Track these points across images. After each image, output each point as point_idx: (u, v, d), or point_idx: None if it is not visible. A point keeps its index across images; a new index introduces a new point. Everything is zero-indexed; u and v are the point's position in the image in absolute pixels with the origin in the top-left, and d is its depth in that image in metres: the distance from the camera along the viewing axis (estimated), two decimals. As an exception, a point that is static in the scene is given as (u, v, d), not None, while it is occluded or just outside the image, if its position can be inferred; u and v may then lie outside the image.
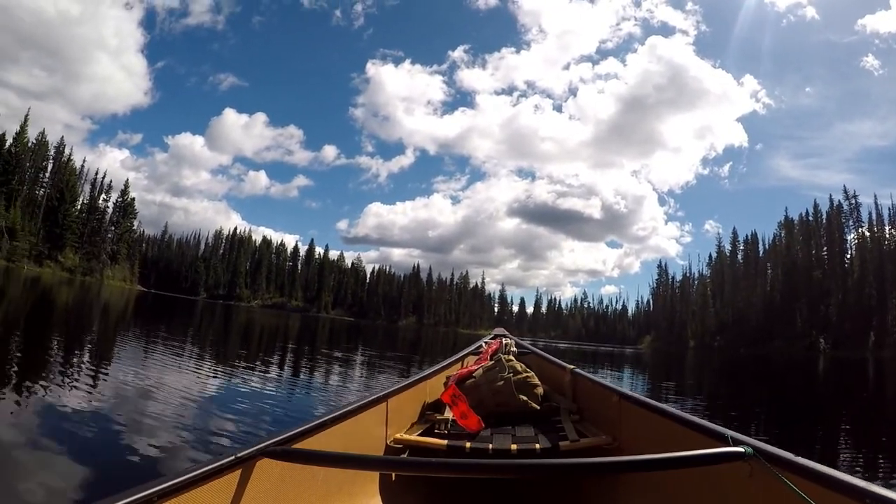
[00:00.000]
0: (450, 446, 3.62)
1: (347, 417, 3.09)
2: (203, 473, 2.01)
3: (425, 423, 4.19)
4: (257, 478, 2.28)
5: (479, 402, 4.33)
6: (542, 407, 4.51)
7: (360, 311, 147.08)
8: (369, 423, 3.45)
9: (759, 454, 2.18)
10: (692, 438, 2.65)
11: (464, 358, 6.01)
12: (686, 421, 2.84)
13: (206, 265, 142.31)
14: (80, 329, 17.11)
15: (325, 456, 2.55)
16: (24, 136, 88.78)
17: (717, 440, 2.46)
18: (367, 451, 3.32)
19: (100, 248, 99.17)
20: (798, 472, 2.03)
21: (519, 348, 6.50)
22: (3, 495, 3.81)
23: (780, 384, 25.39)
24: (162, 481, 1.83)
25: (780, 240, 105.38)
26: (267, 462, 2.32)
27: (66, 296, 38.16)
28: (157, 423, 6.10)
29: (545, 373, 5.31)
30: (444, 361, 5.53)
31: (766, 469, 2.12)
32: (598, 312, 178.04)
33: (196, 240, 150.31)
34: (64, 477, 4.24)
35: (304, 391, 10.63)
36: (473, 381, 4.65)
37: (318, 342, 27.90)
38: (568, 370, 4.97)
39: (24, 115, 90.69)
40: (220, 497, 2.10)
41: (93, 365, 9.68)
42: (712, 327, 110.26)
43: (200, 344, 17.99)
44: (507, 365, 4.74)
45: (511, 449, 3.56)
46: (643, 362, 42.45)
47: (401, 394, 3.99)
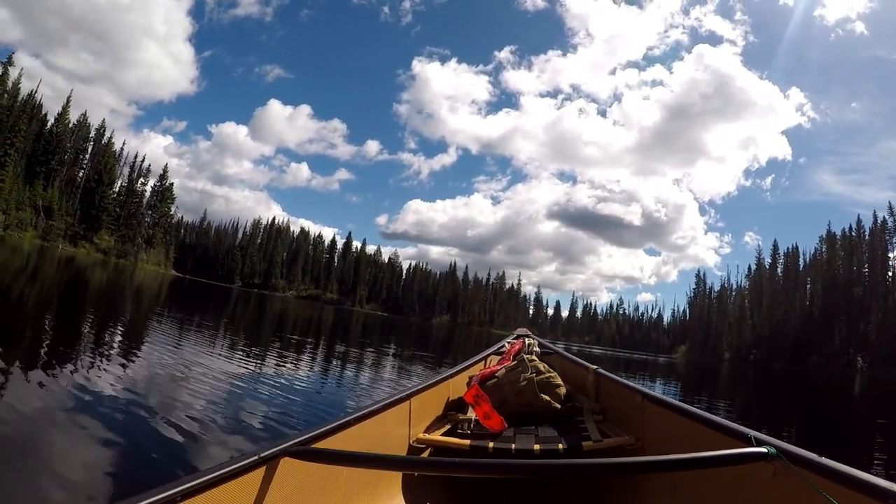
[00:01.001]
0: (473, 446, 3.59)
1: (370, 417, 3.05)
2: (226, 473, 2.00)
3: (448, 423, 4.15)
4: (280, 478, 2.26)
5: (501, 402, 4.31)
6: (564, 407, 4.47)
7: (394, 307, 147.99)
8: (392, 422, 3.41)
9: (783, 454, 2.16)
10: (715, 439, 2.62)
11: (487, 358, 5.99)
12: (709, 421, 2.81)
13: (242, 254, 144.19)
14: (112, 311, 17.13)
15: (348, 456, 2.49)
16: (65, 117, 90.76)
17: (740, 440, 2.43)
18: (390, 451, 3.30)
19: (135, 232, 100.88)
20: (822, 472, 2.01)
21: (542, 348, 6.46)
22: (27, 483, 3.72)
23: (815, 400, 25.14)
24: (185, 481, 1.83)
25: (821, 254, 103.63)
26: (290, 462, 2.30)
27: (100, 277, 38.63)
28: (183, 414, 5.95)
29: (568, 373, 5.27)
30: (467, 361, 5.51)
31: (790, 469, 2.11)
32: (634, 319, 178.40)
33: (234, 228, 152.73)
34: (87, 468, 4.11)
35: (331, 387, 10.36)
36: (496, 381, 4.60)
37: (350, 337, 27.77)
38: (591, 370, 4.92)
39: (67, 96, 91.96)
40: (243, 497, 2.10)
41: (122, 349, 9.51)
42: (748, 340, 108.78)
43: (233, 333, 17.96)
44: (529, 365, 4.68)
45: (534, 449, 3.51)
46: (676, 372, 41.86)
47: (423, 393, 3.96)
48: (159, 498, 1.69)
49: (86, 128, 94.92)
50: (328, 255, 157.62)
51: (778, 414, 17.03)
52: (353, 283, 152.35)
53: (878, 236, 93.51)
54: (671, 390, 21.84)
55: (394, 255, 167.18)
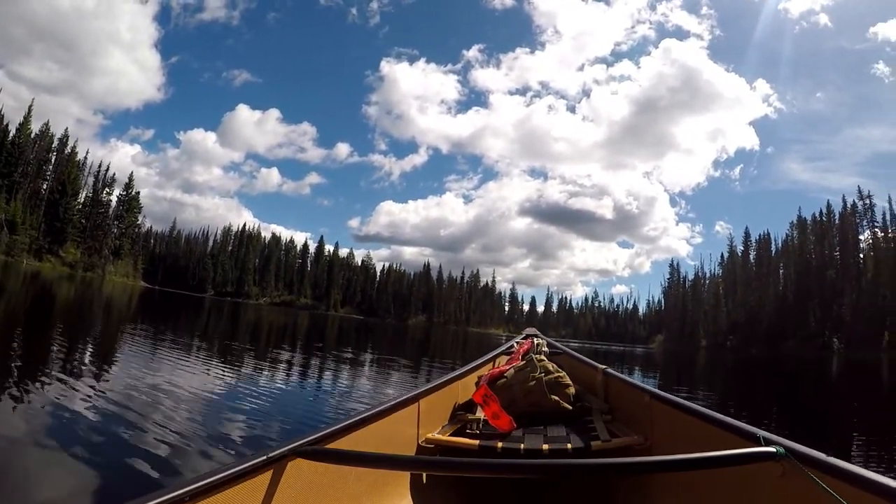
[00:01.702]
0: (481, 446, 3.57)
1: (379, 417, 3.05)
2: (235, 473, 2.00)
3: (457, 424, 4.15)
4: (289, 478, 2.28)
5: (510, 402, 4.27)
6: (573, 407, 4.43)
7: (369, 309, 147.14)
8: (401, 423, 3.40)
9: (792, 454, 2.15)
10: (723, 438, 2.61)
11: (495, 358, 6.00)
12: (717, 421, 2.77)
13: (214, 262, 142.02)
14: (81, 327, 16.79)
15: (357, 456, 2.52)
16: (27, 127, 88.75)
17: (748, 440, 2.42)
18: (399, 451, 3.29)
19: (102, 243, 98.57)
20: (830, 472, 1.99)
21: (550, 348, 6.43)
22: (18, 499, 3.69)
23: (794, 384, 25.34)
24: (194, 481, 1.85)
25: (792, 240, 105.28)
26: (299, 462, 2.32)
27: (66, 291, 37.85)
28: (163, 426, 5.94)
29: (577, 373, 5.28)
30: (476, 361, 5.52)
31: (799, 469, 2.10)
32: (609, 312, 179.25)
33: (205, 236, 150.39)
34: (68, 481, 4.13)
35: (308, 395, 10.27)
36: (505, 381, 4.56)
37: (326, 343, 27.50)
38: (600, 370, 4.93)
39: (28, 105, 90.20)
40: (252, 497, 2.10)
41: (92, 367, 9.27)
42: (724, 327, 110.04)
43: (207, 345, 17.50)
44: (538, 365, 4.66)
45: (543, 449, 3.49)
46: (654, 362, 42.45)
47: (432, 394, 3.95)
48: (168, 498, 1.70)
49: (48, 138, 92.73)
50: (301, 260, 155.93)
51: (758, 401, 17.15)
52: (326, 287, 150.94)
53: (848, 220, 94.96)
54: (650, 381, 21.76)
55: (367, 257, 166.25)
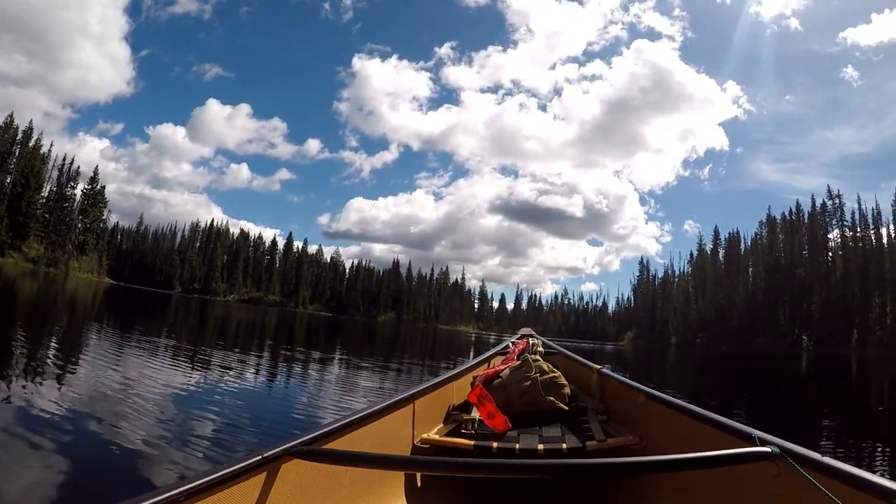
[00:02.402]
0: (477, 446, 3.59)
1: (374, 418, 3.07)
2: (230, 473, 2.02)
3: (452, 424, 4.16)
4: (284, 478, 2.28)
5: (505, 403, 4.31)
6: (569, 407, 4.47)
7: (338, 307, 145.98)
8: (396, 423, 3.42)
9: (787, 454, 2.17)
10: (719, 438, 2.64)
11: (490, 358, 6.03)
12: (713, 421, 2.80)
13: (181, 258, 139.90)
14: (43, 326, 16.40)
15: (353, 456, 2.53)
16: None
17: (743, 440, 2.44)
18: (394, 452, 3.31)
19: (65, 238, 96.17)
20: (825, 472, 2.03)
21: (546, 348, 6.46)
22: None
23: (765, 381, 25.75)
24: (188, 481, 1.86)
25: (761, 238, 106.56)
26: (294, 462, 2.33)
27: (29, 288, 37.17)
28: (124, 428, 5.81)
29: (572, 373, 5.29)
30: (471, 362, 5.56)
31: (793, 469, 2.12)
32: (579, 309, 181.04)
33: (172, 232, 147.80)
34: (28, 487, 4.01)
35: (274, 395, 10.04)
36: (500, 381, 4.62)
37: (294, 340, 27.27)
38: (595, 370, 4.98)
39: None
40: (247, 497, 2.12)
41: (55, 367, 8.99)
42: (694, 324, 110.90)
43: (173, 344, 17.09)
44: (533, 365, 4.70)
45: (538, 449, 3.52)
46: (624, 358, 42.60)
47: (428, 394, 3.95)
48: (163, 498, 1.72)
49: (13, 130, 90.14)
50: (269, 257, 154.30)
51: (729, 397, 17.13)
52: (295, 283, 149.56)
53: (817, 219, 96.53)
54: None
55: (336, 254, 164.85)
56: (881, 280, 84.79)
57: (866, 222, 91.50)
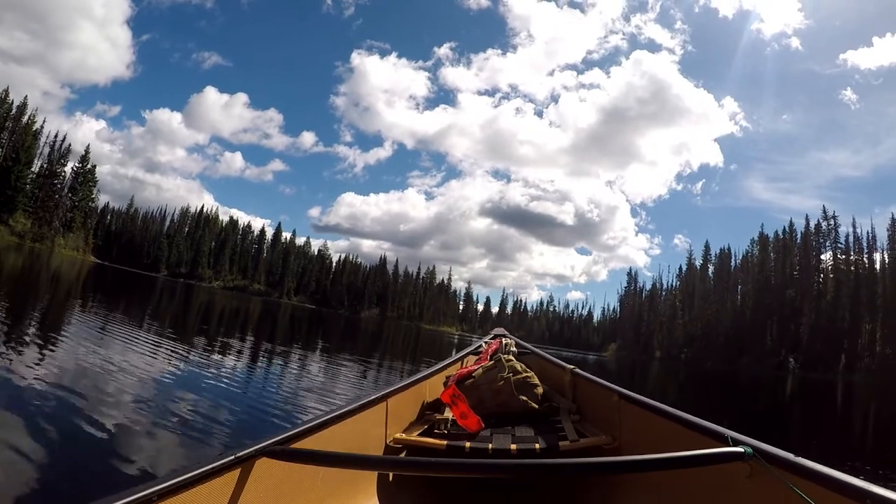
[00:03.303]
0: (449, 446, 3.59)
1: (347, 417, 3.06)
2: (202, 473, 2.01)
3: (425, 423, 4.15)
4: (257, 477, 2.28)
5: (478, 402, 4.32)
6: (541, 407, 4.46)
7: (322, 299, 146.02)
8: (369, 422, 3.42)
9: (759, 454, 2.19)
10: (692, 438, 2.66)
11: (464, 358, 6.03)
12: (686, 421, 2.82)
13: (169, 242, 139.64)
14: (25, 300, 16.65)
15: (325, 455, 2.52)
16: None
17: (716, 440, 2.47)
18: (367, 451, 3.32)
19: (53, 215, 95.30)
20: (798, 472, 2.04)
21: (519, 348, 6.46)
22: None
23: (748, 401, 25.70)
24: (161, 481, 1.85)
25: (752, 256, 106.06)
26: (266, 462, 2.32)
27: (13, 262, 36.98)
28: (102, 416, 5.73)
29: (545, 373, 5.26)
30: (444, 361, 5.53)
31: (766, 469, 2.14)
32: (564, 317, 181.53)
33: (162, 216, 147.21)
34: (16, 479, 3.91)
35: (253, 391, 9.70)
36: (473, 380, 4.61)
37: (277, 331, 27.38)
38: (568, 370, 4.90)
39: None
40: (219, 496, 2.11)
41: (35, 347, 8.91)
42: (680, 339, 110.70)
43: (156, 328, 17.09)
44: (506, 365, 4.70)
45: (511, 449, 3.53)
46: (607, 370, 42.42)
47: (400, 393, 3.94)
48: (135, 498, 1.71)
49: (6, 106, 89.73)
50: (257, 246, 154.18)
51: (712, 415, 16.79)
52: (281, 274, 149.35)
53: (811, 240, 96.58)
54: None
55: (323, 246, 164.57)
56: (872, 306, 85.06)
57: (860, 246, 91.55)
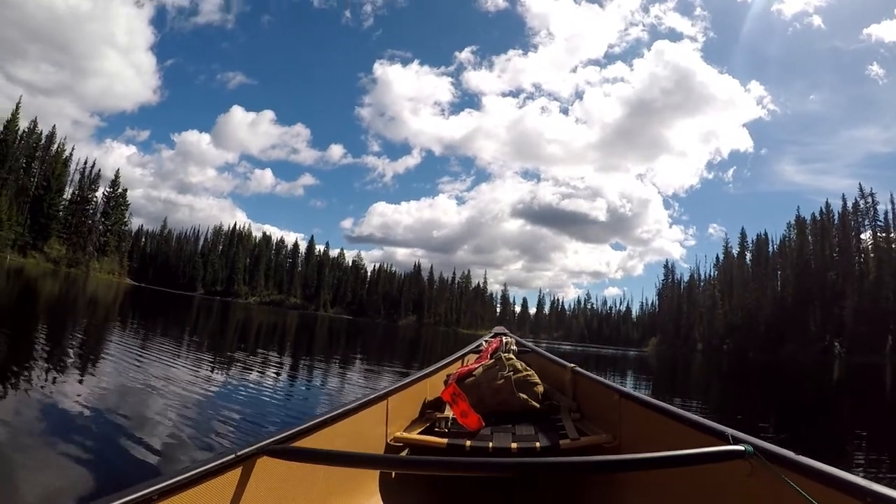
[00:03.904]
0: (450, 444, 3.60)
1: (348, 416, 3.08)
2: (203, 472, 2.03)
3: (425, 422, 4.14)
4: (258, 476, 2.30)
5: (479, 401, 4.30)
6: (542, 405, 4.44)
7: (359, 310, 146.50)
8: (370, 421, 3.43)
9: (760, 452, 2.19)
10: (693, 437, 2.66)
11: (464, 356, 5.99)
12: (686, 419, 2.82)
13: (204, 261, 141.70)
14: (65, 324, 16.59)
15: (326, 454, 2.55)
16: (14, 125, 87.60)
17: (717, 438, 2.46)
18: (368, 450, 3.33)
19: (86, 240, 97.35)
20: (799, 470, 2.05)
21: (519, 347, 6.39)
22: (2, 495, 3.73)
23: (794, 391, 24.69)
24: (162, 479, 1.86)
25: (790, 240, 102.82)
26: (267, 460, 2.34)
27: (50, 288, 37.23)
28: (150, 422, 6.05)
29: (546, 371, 5.25)
30: (445, 360, 5.49)
31: (767, 467, 2.14)
32: (602, 314, 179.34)
33: (195, 235, 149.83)
34: (57, 476, 4.14)
35: (296, 393, 10.26)
36: (473, 379, 4.62)
37: (314, 342, 27.59)
38: (568, 369, 4.88)
39: (16, 104, 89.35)
40: (220, 495, 2.13)
41: (82, 361, 9.40)
42: (720, 330, 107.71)
43: (196, 343, 17.46)
44: (507, 363, 4.68)
45: (511, 447, 3.53)
46: (648, 365, 41.96)
47: (401, 392, 3.95)
48: (136, 497, 1.72)
49: (35, 136, 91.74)
50: (291, 260, 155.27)
51: (756, 410, 16.30)
52: (316, 287, 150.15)
53: (848, 220, 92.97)
54: (643, 387, 21.35)
55: (357, 257, 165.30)
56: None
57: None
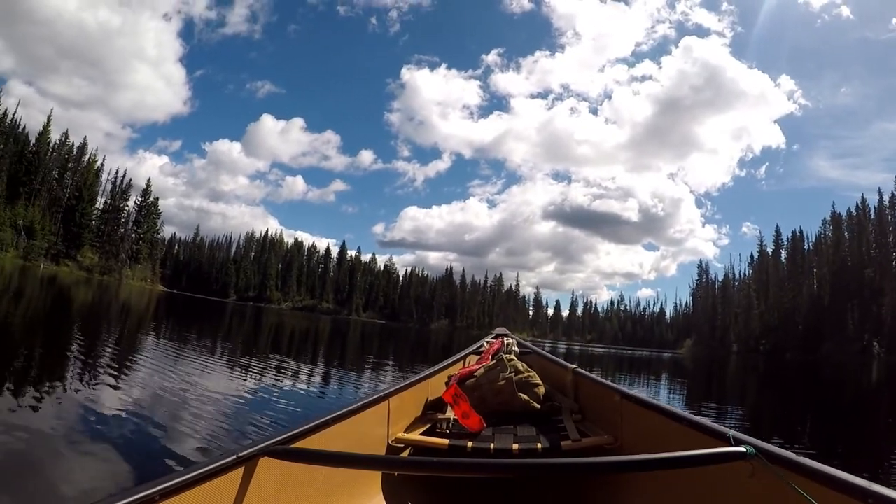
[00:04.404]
0: (451, 446, 3.61)
1: (349, 417, 3.08)
2: (205, 473, 2.04)
3: (427, 423, 4.14)
4: (259, 477, 2.31)
5: (480, 402, 4.32)
6: (543, 406, 4.45)
7: (391, 314, 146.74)
8: (371, 422, 3.44)
9: (761, 453, 2.19)
10: (694, 438, 2.67)
11: (465, 357, 6.03)
12: (688, 420, 2.84)
13: (236, 268, 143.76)
14: (100, 329, 16.86)
15: (327, 455, 2.56)
16: (46, 137, 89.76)
17: (719, 440, 2.47)
18: (369, 451, 3.33)
19: (119, 248, 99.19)
20: (800, 471, 2.05)
21: (520, 348, 6.37)
22: (18, 489, 3.82)
23: (833, 393, 24.25)
24: (163, 480, 1.87)
25: (825, 237, 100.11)
26: (268, 461, 2.35)
27: (84, 295, 37.85)
28: (181, 423, 6.13)
29: (547, 372, 5.27)
30: (446, 361, 5.49)
31: (768, 468, 2.14)
32: (635, 315, 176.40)
33: (228, 242, 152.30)
34: (76, 472, 4.21)
35: (329, 394, 10.39)
36: (475, 380, 4.61)
37: (347, 346, 27.51)
38: (570, 370, 4.92)
39: (48, 116, 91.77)
40: (221, 496, 2.14)
41: (113, 364, 9.50)
42: (757, 330, 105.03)
43: (229, 347, 17.58)
44: (508, 364, 4.68)
45: (512, 448, 3.55)
46: (683, 368, 40.87)
47: (402, 393, 3.95)
48: (138, 497, 1.72)
49: (68, 147, 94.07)
50: (323, 266, 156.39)
51: (794, 415, 15.44)
52: (348, 292, 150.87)
53: (886, 215, 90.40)
54: (677, 393, 20.23)
55: (389, 261, 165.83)
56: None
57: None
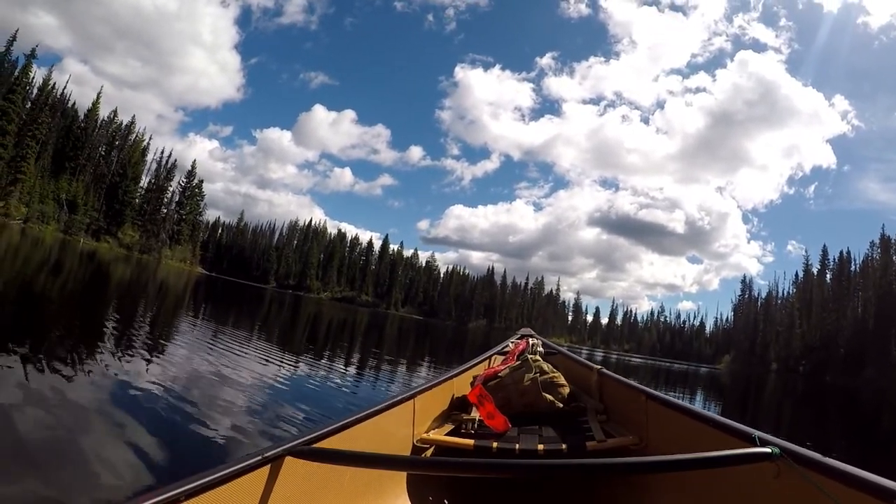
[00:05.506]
0: (477, 446, 3.60)
1: (374, 416, 3.05)
2: (230, 473, 2.02)
3: (452, 423, 4.14)
4: (284, 477, 2.30)
5: (505, 402, 4.31)
6: (568, 407, 4.45)
7: (430, 311, 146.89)
8: (396, 422, 3.43)
9: (787, 454, 2.19)
10: (719, 439, 2.66)
11: (490, 357, 6.01)
12: (713, 421, 2.83)
13: (278, 255, 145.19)
14: (137, 307, 17.07)
15: (352, 455, 2.52)
16: (95, 113, 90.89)
17: (744, 440, 2.46)
18: (394, 451, 3.32)
19: (160, 228, 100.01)
20: (825, 472, 2.04)
21: (546, 348, 6.37)
22: (41, 479, 3.69)
23: (871, 418, 23.63)
24: (189, 481, 1.86)
25: (873, 260, 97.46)
26: (293, 461, 2.34)
27: (122, 272, 38.05)
28: (214, 409, 6.13)
29: (572, 373, 5.27)
30: (471, 361, 5.45)
31: (794, 469, 2.14)
32: (675, 328, 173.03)
33: (271, 229, 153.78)
34: (113, 461, 4.10)
35: (361, 389, 10.20)
36: (500, 380, 4.60)
37: (384, 342, 27.25)
38: (595, 370, 4.89)
39: (98, 93, 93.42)
40: (246, 496, 2.13)
41: (147, 345, 9.49)
42: (797, 350, 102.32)
43: (266, 334, 17.63)
44: (533, 365, 4.69)
45: (538, 449, 3.54)
46: (720, 384, 40.07)
47: (427, 393, 3.92)
48: (163, 497, 1.72)
49: (116, 125, 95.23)
50: (364, 258, 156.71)
51: (829, 439, 14.68)
52: (388, 285, 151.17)
53: None
54: (712, 408, 19.88)
55: (431, 258, 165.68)
56: None
57: None
